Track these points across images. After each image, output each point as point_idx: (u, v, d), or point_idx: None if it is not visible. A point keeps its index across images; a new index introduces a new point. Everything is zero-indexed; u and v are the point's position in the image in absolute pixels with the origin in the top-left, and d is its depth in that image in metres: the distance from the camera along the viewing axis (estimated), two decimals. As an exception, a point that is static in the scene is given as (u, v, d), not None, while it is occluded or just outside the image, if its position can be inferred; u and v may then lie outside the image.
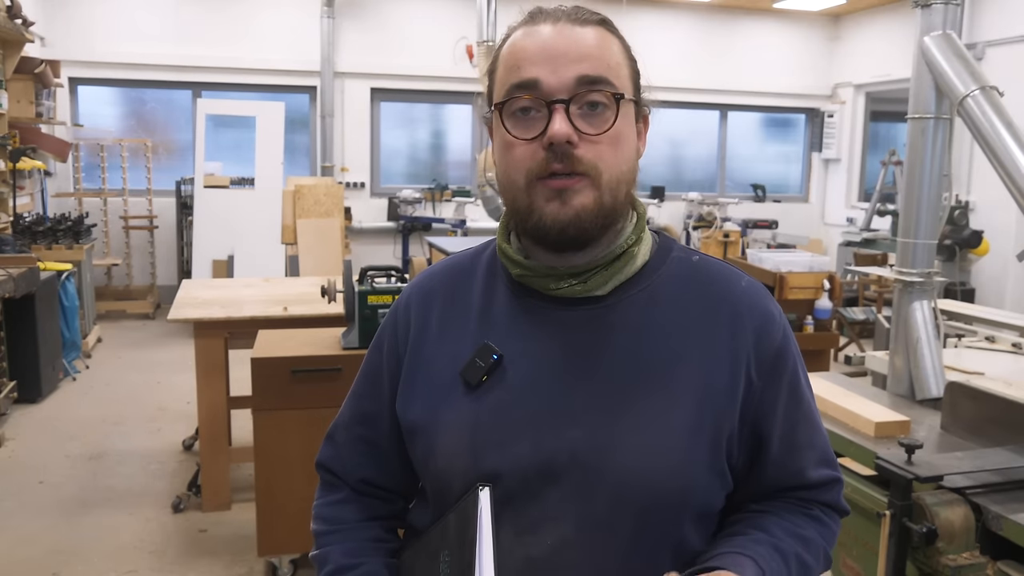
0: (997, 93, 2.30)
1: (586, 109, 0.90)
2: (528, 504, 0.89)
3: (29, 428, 4.61)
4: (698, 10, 9.23)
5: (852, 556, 2.25)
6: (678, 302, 0.95)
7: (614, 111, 0.91)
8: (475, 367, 0.93)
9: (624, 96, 0.92)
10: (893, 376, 2.63)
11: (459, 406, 0.94)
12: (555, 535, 0.89)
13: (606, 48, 0.93)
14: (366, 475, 1.08)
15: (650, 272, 0.97)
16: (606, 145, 0.90)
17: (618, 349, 0.92)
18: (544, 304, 0.95)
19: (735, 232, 8.55)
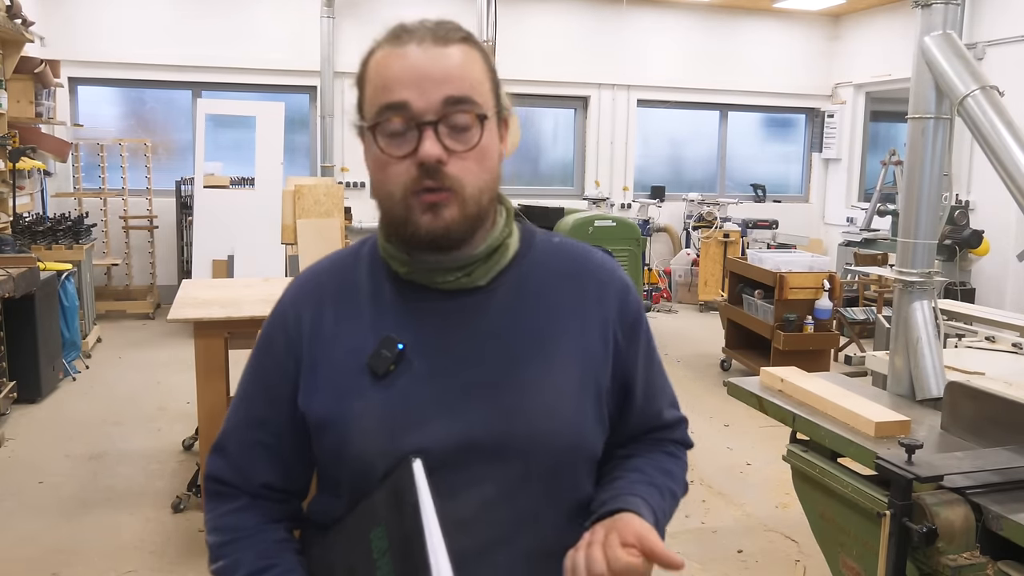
0: (997, 93, 2.30)
1: (453, 128, 0.97)
2: (450, 474, 0.97)
3: (29, 428, 4.61)
4: (698, 10, 9.23)
5: (852, 556, 2.25)
6: (548, 281, 1.07)
7: (479, 129, 0.99)
8: (381, 357, 1.00)
9: (487, 115, 1.00)
10: (893, 376, 2.63)
11: (369, 395, 1.00)
12: (478, 497, 0.98)
13: (469, 67, 1.00)
14: (265, 479, 1.09)
15: (520, 258, 1.08)
16: (472, 161, 0.98)
17: (504, 329, 1.03)
18: (430, 296, 1.03)
19: (735, 232, 8.55)
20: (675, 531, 3.53)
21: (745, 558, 3.33)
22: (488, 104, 1.01)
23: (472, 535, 0.98)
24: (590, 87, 9.03)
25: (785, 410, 2.46)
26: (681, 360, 6.50)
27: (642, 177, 9.46)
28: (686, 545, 3.41)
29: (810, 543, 3.06)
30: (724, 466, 4.29)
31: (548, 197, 8.49)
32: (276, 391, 1.07)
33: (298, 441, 1.07)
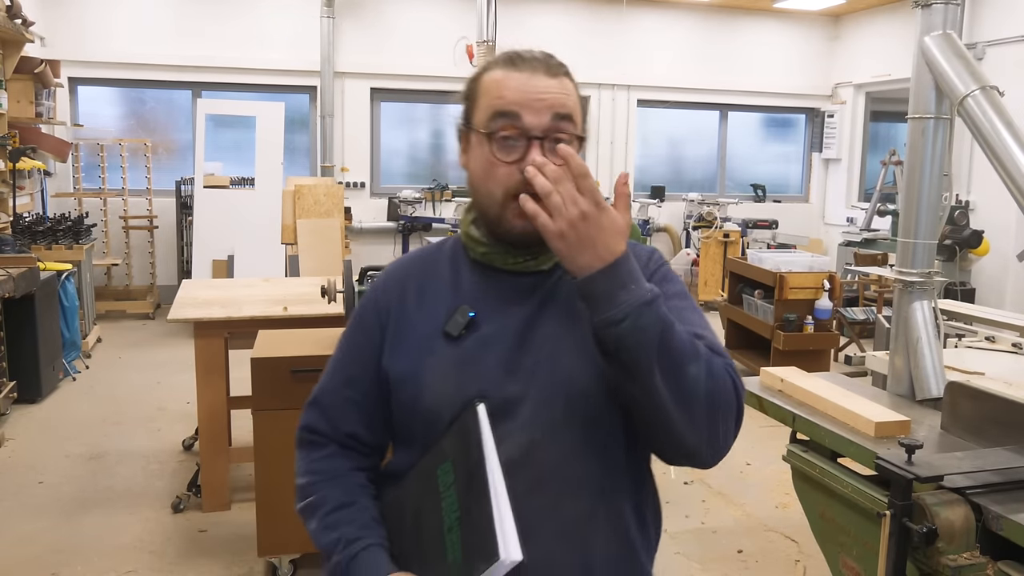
0: (997, 93, 2.30)
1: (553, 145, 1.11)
2: (504, 419, 1.13)
3: (29, 428, 4.61)
4: (698, 10, 9.23)
5: (852, 556, 2.25)
6: None
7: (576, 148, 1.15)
8: (455, 323, 1.19)
9: (584, 137, 1.18)
10: (893, 376, 2.63)
11: (442, 353, 1.18)
12: (526, 439, 1.14)
13: (571, 96, 1.18)
14: (352, 430, 1.26)
15: None
16: None
17: (559, 304, 1.20)
18: (501, 276, 1.22)
19: (735, 232, 8.55)
20: (675, 531, 3.53)
21: (745, 558, 3.33)
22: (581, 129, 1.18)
23: (520, 475, 1.11)
24: (590, 87, 9.03)
25: (785, 410, 2.46)
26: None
27: (642, 177, 9.46)
28: (686, 545, 3.41)
29: (810, 543, 3.06)
30: (724, 466, 4.27)
31: (548, 197, 8.48)
32: (365, 355, 1.26)
33: (381, 398, 1.25)
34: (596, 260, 1.03)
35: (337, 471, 1.25)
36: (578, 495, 1.16)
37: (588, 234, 1.02)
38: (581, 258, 1.03)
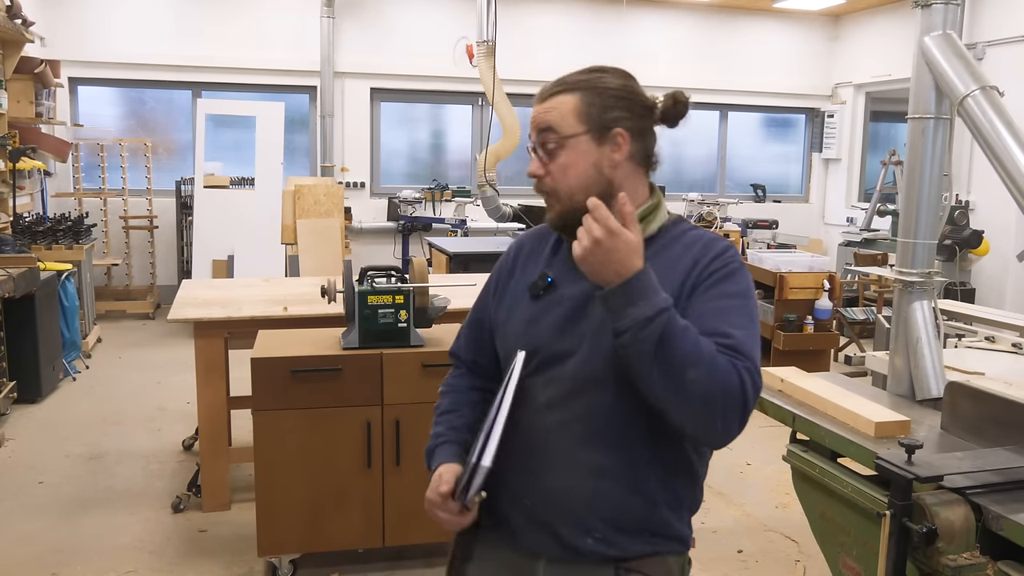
0: (997, 93, 2.30)
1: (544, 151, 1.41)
2: (552, 367, 1.39)
3: (29, 428, 4.61)
4: (698, 10, 9.23)
5: (852, 556, 2.25)
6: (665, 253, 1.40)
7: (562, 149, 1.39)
8: (535, 285, 1.45)
9: (567, 135, 1.39)
10: (893, 376, 2.63)
11: (524, 307, 1.46)
12: (566, 388, 1.38)
13: (553, 109, 1.43)
14: (475, 359, 1.61)
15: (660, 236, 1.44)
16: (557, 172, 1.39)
17: None
18: None
19: (735, 232, 8.54)
20: (675, 531, 3.53)
21: (745, 558, 3.33)
22: (572, 128, 1.39)
23: (554, 415, 1.39)
24: (590, 87, 9.02)
25: (785, 410, 2.46)
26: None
27: (642, 177, 9.45)
28: (686, 545, 3.41)
29: (810, 543, 3.06)
30: (724, 466, 4.29)
31: (548, 197, 8.49)
32: (486, 303, 1.59)
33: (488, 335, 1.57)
34: (613, 277, 1.22)
35: (458, 387, 1.61)
36: (597, 444, 1.37)
37: (603, 257, 1.22)
38: (600, 277, 1.24)
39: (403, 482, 2.97)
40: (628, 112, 1.43)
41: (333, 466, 2.91)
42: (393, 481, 2.96)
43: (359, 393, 2.90)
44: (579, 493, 1.37)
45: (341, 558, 3.14)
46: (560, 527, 1.38)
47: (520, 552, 1.42)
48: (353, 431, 2.90)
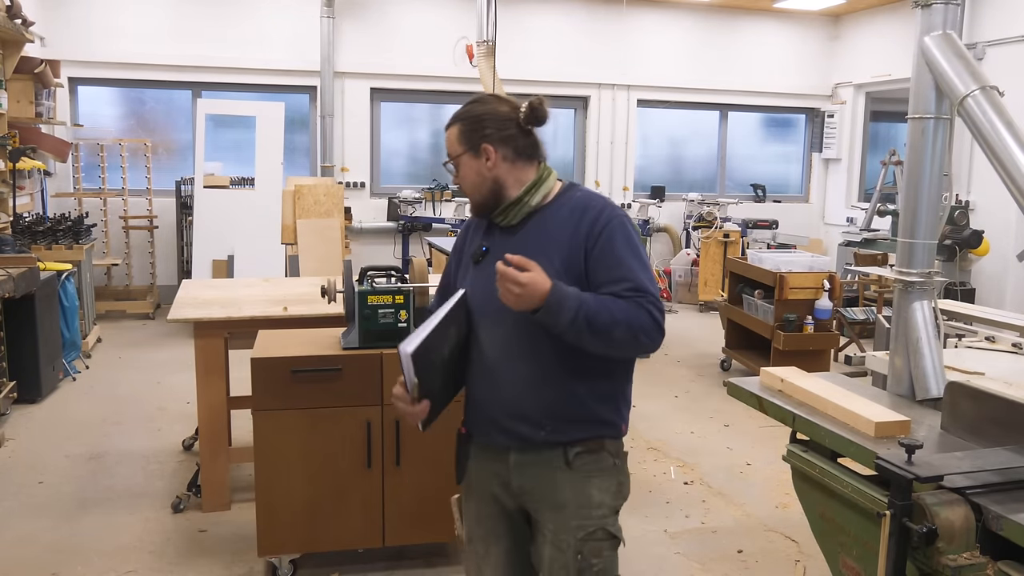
0: (997, 93, 2.30)
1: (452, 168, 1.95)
2: (491, 314, 1.85)
3: (29, 428, 4.61)
4: (698, 10, 9.23)
5: (852, 556, 2.25)
6: (556, 219, 1.88)
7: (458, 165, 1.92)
8: (476, 254, 1.95)
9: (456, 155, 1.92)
10: (893, 376, 2.63)
11: (471, 272, 1.95)
12: (504, 328, 1.85)
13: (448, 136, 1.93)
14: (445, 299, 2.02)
15: (544, 208, 1.91)
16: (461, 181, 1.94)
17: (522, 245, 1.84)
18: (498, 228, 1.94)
19: (735, 232, 8.55)
20: (675, 531, 3.53)
21: (745, 558, 3.33)
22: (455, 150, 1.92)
23: (496, 350, 1.87)
24: (590, 87, 9.04)
25: (785, 410, 2.46)
26: (681, 360, 6.50)
27: (642, 177, 9.46)
28: (686, 545, 3.41)
29: (810, 543, 3.06)
30: (724, 466, 4.29)
31: (548, 197, 8.48)
32: (450, 271, 2.07)
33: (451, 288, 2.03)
34: (537, 303, 1.70)
35: None
36: (532, 364, 1.84)
37: (525, 297, 1.68)
38: (528, 307, 1.70)
39: (403, 482, 2.97)
40: (493, 128, 1.88)
41: (333, 466, 2.91)
42: (393, 481, 2.96)
43: (359, 393, 2.90)
44: (527, 400, 1.85)
45: (341, 558, 3.14)
46: (518, 427, 1.86)
47: (496, 449, 1.91)
48: (353, 431, 2.90)
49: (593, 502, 1.86)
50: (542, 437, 1.84)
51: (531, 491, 1.88)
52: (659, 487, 4.01)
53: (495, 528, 1.97)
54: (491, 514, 1.97)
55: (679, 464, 4.32)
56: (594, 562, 1.84)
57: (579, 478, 1.85)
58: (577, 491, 1.85)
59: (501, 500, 1.94)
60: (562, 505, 1.85)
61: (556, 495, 1.86)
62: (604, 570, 1.86)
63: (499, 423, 1.87)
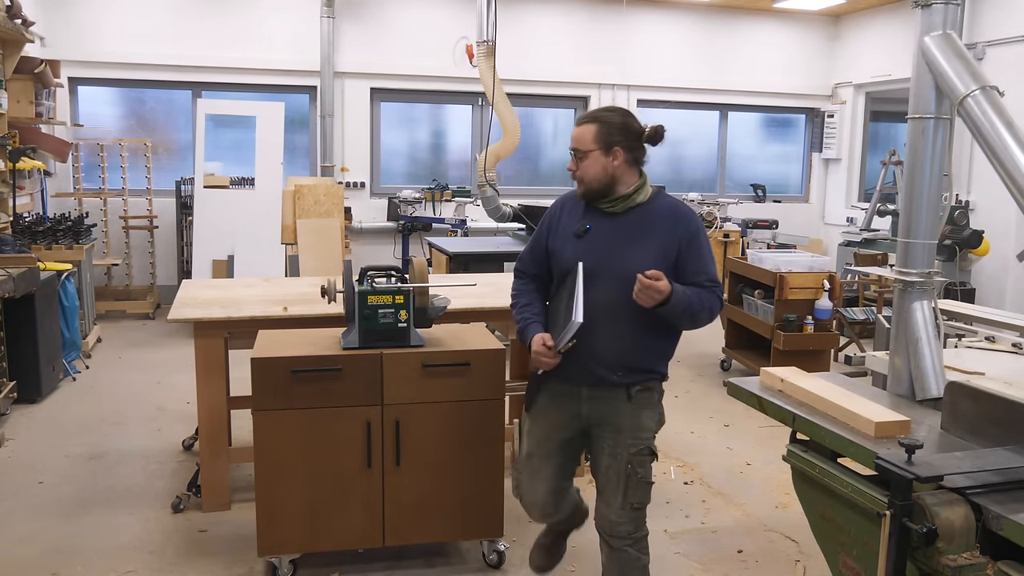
0: (997, 93, 2.30)
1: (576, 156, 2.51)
2: (596, 280, 2.39)
3: (29, 428, 4.61)
4: (698, 10, 9.23)
5: (852, 556, 2.25)
6: (654, 215, 2.48)
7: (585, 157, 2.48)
8: (581, 230, 2.48)
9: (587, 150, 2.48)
10: (893, 376, 2.63)
11: (574, 243, 2.49)
12: (604, 290, 2.40)
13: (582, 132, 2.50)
14: (536, 272, 2.64)
15: (646, 204, 2.50)
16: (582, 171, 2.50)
17: (625, 232, 2.46)
18: (600, 214, 2.50)
19: (735, 232, 8.54)
20: (675, 531, 3.53)
21: (745, 558, 3.33)
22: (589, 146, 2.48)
23: (600, 309, 2.39)
24: (590, 87, 9.03)
25: (785, 410, 2.46)
26: (681, 360, 6.50)
27: (642, 177, 9.44)
28: (686, 545, 3.41)
29: (810, 543, 3.06)
30: (724, 466, 4.29)
31: (548, 197, 8.48)
32: (541, 239, 2.61)
33: (547, 259, 2.59)
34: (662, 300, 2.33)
35: (527, 291, 2.64)
36: (621, 326, 2.44)
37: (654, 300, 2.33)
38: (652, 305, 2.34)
39: (403, 482, 2.97)
40: (623, 137, 2.48)
41: (333, 466, 2.91)
42: (393, 481, 2.96)
43: (359, 393, 2.90)
44: (608, 351, 2.45)
45: (341, 558, 3.15)
46: (597, 369, 2.46)
47: (571, 384, 2.51)
48: (353, 431, 2.90)
49: (643, 427, 2.51)
50: (614, 380, 2.47)
51: (598, 418, 2.52)
52: (659, 487, 4.00)
53: (552, 449, 2.60)
54: (552, 438, 2.59)
55: (679, 464, 4.32)
56: (640, 471, 2.49)
57: (635, 409, 2.49)
58: (633, 419, 2.49)
59: (566, 426, 2.57)
60: (621, 429, 2.49)
61: (618, 421, 2.49)
62: (644, 476, 2.50)
63: (584, 364, 2.45)
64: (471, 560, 3.20)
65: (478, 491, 3.05)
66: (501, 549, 3.18)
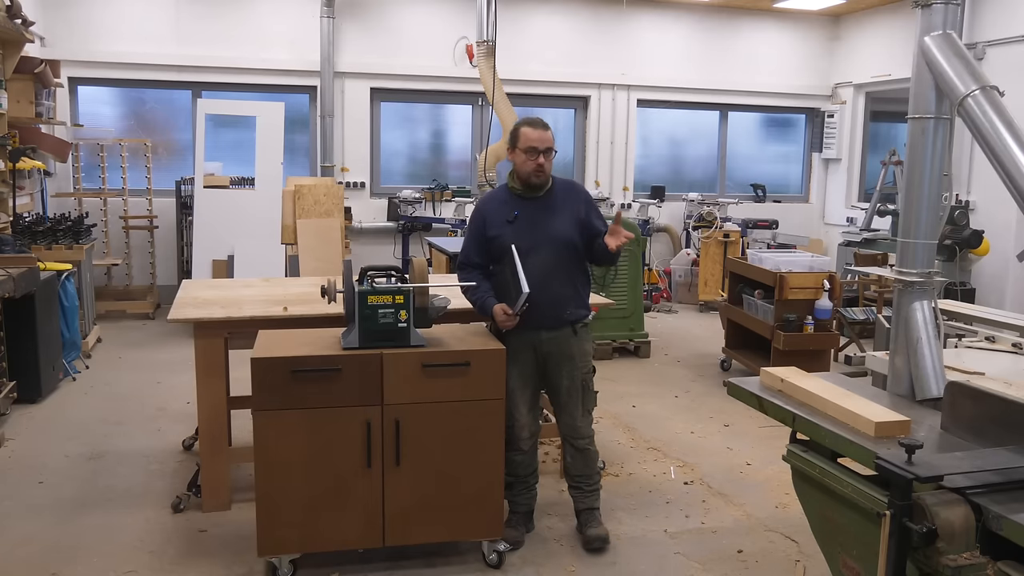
0: (997, 93, 2.30)
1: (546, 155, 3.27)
2: (530, 253, 3.17)
3: (29, 428, 4.61)
4: (698, 10, 9.23)
5: (852, 556, 2.25)
6: (559, 191, 3.34)
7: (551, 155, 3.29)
8: (511, 217, 3.24)
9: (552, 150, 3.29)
10: (893, 376, 2.63)
11: (506, 229, 3.23)
12: (540, 259, 3.20)
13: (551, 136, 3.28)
14: (482, 261, 3.31)
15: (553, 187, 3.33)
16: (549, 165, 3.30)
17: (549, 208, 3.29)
18: (525, 199, 3.28)
19: (735, 232, 8.55)
20: (675, 531, 3.53)
21: (745, 558, 3.33)
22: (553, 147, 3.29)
23: (535, 275, 3.11)
24: (590, 87, 9.04)
25: (785, 410, 2.46)
26: (681, 360, 6.50)
27: (642, 177, 9.46)
28: (686, 545, 3.41)
29: (810, 543, 3.06)
30: (724, 466, 4.29)
31: (548, 197, 8.48)
32: (480, 231, 3.29)
33: (488, 246, 3.26)
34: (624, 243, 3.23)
35: (478, 278, 3.28)
36: (560, 279, 3.24)
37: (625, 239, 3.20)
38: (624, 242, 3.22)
39: (403, 482, 2.97)
40: None
41: (333, 466, 2.91)
42: (393, 481, 2.96)
43: (359, 393, 2.90)
44: (556, 299, 3.21)
45: (341, 558, 3.14)
46: (549, 316, 3.21)
47: (532, 330, 3.21)
48: (353, 431, 2.90)
49: (587, 352, 3.37)
50: (563, 319, 3.26)
51: (554, 351, 3.27)
52: (659, 487, 4.01)
53: (527, 380, 3.29)
54: (524, 373, 3.27)
55: (679, 464, 4.32)
56: (589, 384, 3.37)
57: (580, 341, 3.32)
58: (580, 347, 3.32)
59: (532, 361, 3.27)
60: (572, 356, 3.29)
61: (569, 351, 3.29)
62: (592, 387, 3.40)
63: (540, 313, 3.16)
64: (471, 560, 3.20)
65: (478, 491, 3.05)
66: (501, 549, 3.18)
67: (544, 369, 3.30)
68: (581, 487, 3.43)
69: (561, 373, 3.29)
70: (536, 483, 3.48)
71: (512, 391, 3.26)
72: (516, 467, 3.36)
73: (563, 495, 3.63)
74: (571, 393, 3.31)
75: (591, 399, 3.40)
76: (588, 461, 3.40)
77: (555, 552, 3.32)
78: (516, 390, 3.27)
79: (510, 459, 3.33)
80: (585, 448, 3.38)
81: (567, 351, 3.27)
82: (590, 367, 3.37)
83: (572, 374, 3.29)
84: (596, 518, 3.42)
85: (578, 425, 3.35)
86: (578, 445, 3.37)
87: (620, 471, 4.19)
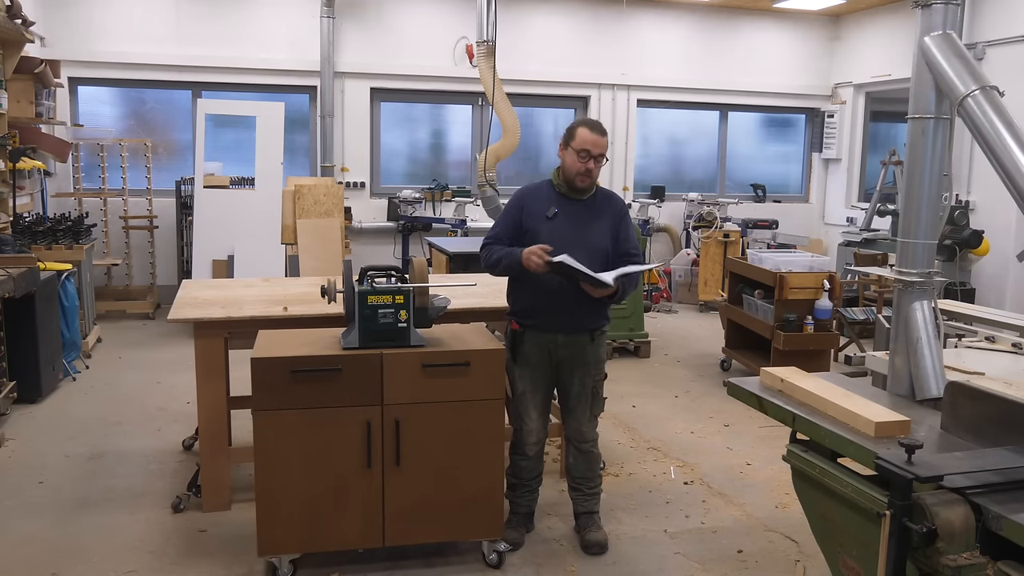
0: (997, 93, 2.30)
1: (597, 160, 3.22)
2: (567, 251, 3.04)
3: (29, 428, 4.61)
4: (698, 10, 9.23)
5: (852, 556, 2.25)
6: (600, 199, 3.31)
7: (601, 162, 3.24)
8: (550, 213, 3.23)
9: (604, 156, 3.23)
10: (893, 376, 2.63)
11: (543, 225, 3.22)
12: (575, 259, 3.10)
13: (605, 143, 3.22)
14: (512, 242, 3.23)
15: (596, 193, 3.31)
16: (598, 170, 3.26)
17: (589, 212, 3.28)
18: (569, 199, 3.27)
19: (735, 232, 8.55)
20: (675, 531, 3.53)
21: (745, 558, 3.33)
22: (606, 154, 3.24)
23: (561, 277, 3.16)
24: (590, 87, 9.04)
25: (785, 410, 2.46)
26: (681, 360, 6.50)
27: (642, 177, 9.46)
28: (686, 545, 3.41)
29: (810, 543, 3.06)
30: (724, 466, 4.29)
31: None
32: (514, 217, 3.28)
33: (521, 238, 3.23)
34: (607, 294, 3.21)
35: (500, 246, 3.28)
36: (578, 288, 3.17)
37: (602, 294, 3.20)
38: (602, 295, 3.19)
39: (403, 482, 2.97)
40: None
41: (333, 466, 2.91)
42: (393, 481, 2.96)
43: (359, 393, 2.90)
44: (578, 305, 3.17)
45: (341, 558, 3.14)
46: (569, 321, 3.21)
47: (549, 333, 3.21)
48: (353, 431, 2.90)
49: (601, 359, 3.34)
50: (582, 325, 3.24)
51: (569, 356, 3.25)
52: (659, 487, 4.01)
53: (539, 384, 3.29)
54: (538, 377, 3.27)
55: (679, 464, 4.32)
56: (599, 390, 3.35)
57: (596, 348, 3.29)
58: (595, 354, 3.30)
59: (546, 365, 3.26)
60: (587, 363, 3.28)
61: (584, 357, 3.27)
62: (600, 393, 3.36)
63: (559, 319, 3.19)
64: (471, 560, 3.20)
65: (478, 491, 3.05)
66: (501, 549, 3.18)
67: (557, 373, 3.28)
68: (582, 488, 3.42)
69: (573, 378, 3.28)
70: (539, 486, 3.48)
71: (523, 394, 3.27)
72: (521, 471, 3.38)
73: (563, 495, 3.63)
74: (581, 398, 3.31)
75: (599, 405, 3.37)
76: (591, 463, 3.41)
77: (555, 552, 3.32)
78: (527, 394, 3.27)
79: (515, 463, 3.36)
80: (589, 451, 3.38)
81: (582, 357, 3.25)
82: (602, 374, 3.35)
83: (584, 380, 3.28)
84: (595, 522, 3.41)
85: (584, 429, 3.35)
86: (582, 448, 3.38)
87: (620, 471, 4.19)
